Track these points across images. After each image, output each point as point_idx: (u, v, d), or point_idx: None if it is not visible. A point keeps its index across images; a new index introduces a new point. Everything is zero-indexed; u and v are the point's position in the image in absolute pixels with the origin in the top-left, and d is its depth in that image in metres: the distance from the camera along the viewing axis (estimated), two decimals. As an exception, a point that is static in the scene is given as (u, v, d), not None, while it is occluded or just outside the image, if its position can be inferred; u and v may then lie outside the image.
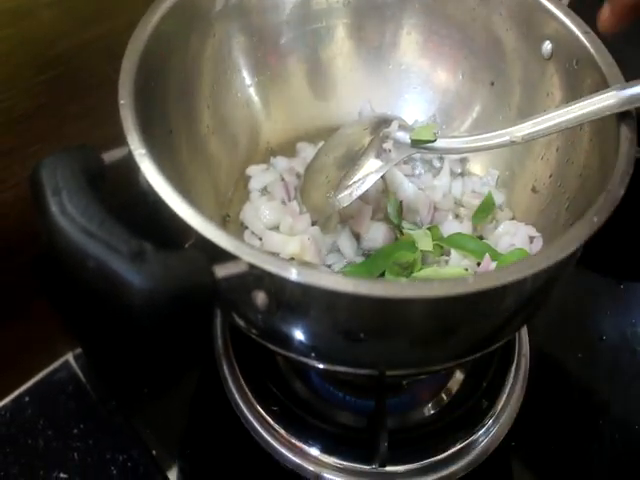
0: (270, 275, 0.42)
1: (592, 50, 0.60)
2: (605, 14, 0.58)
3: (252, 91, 0.71)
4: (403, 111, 0.74)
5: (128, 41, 0.56)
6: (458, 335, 0.48)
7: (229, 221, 0.68)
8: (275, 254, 0.62)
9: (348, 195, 0.63)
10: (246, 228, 0.68)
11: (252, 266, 0.42)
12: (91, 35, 0.65)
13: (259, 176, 0.71)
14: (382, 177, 0.65)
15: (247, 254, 0.42)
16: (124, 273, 0.38)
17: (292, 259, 0.63)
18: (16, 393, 0.70)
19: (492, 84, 0.71)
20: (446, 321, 0.46)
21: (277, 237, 0.64)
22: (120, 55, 0.55)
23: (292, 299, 0.44)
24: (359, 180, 0.62)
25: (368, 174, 0.62)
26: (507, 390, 0.66)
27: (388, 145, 0.62)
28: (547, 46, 0.65)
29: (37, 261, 0.67)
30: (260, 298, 0.44)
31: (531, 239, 0.65)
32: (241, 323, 0.51)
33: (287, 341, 0.49)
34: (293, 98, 0.74)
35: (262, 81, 0.72)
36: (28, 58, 0.62)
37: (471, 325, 0.47)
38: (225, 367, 0.66)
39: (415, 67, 0.75)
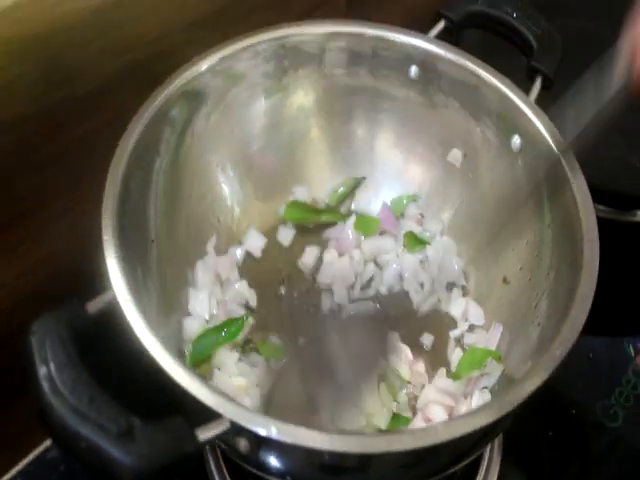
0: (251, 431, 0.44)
1: (557, 152, 0.62)
2: None
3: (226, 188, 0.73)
4: (381, 202, 0.77)
5: (108, 138, 0.58)
6: (429, 464, 0.51)
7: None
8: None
9: None
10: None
11: (234, 422, 0.44)
12: (71, 137, 0.66)
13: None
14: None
15: (230, 412, 0.44)
16: (114, 453, 0.41)
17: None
18: (9, 475, 0.72)
19: (469, 176, 0.73)
20: (418, 460, 0.49)
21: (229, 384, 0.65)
22: (100, 152, 0.57)
23: (272, 448, 0.47)
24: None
25: None
26: (482, 472, 0.69)
27: None
28: (516, 140, 0.67)
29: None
30: (242, 444, 0.47)
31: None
32: (224, 447, 0.53)
33: (268, 469, 0.52)
34: (268, 193, 0.75)
35: (239, 181, 0.74)
36: (14, 165, 0.63)
37: (440, 458, 0.50)
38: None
39: (390, 162, 0.77)
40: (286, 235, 0.76)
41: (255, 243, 0.75)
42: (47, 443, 0.75)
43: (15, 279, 0.67)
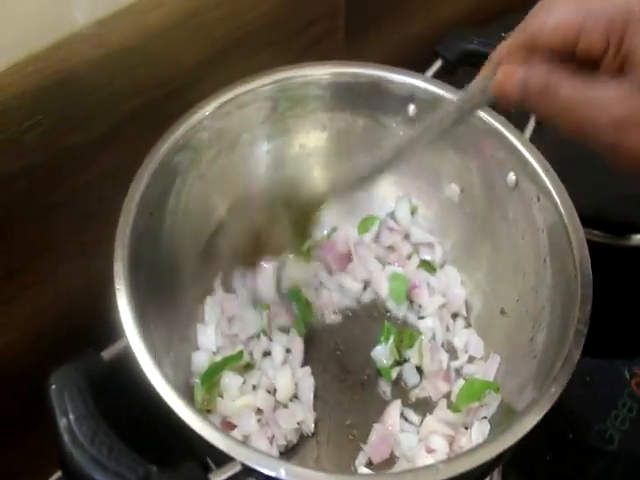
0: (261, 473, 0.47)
1: (552, 189, 0.64)
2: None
3: (232, 229, 0.75)
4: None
5: (117, 181, 0.61)
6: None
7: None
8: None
9: None
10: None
11: (245, 465, 0.47)
12: (81, 181, 0.68)
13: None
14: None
15: (241, 455, 0.47)
16: (133, 503, 0.43)
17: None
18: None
19: (466, 210, 0.75)
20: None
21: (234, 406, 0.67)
22: (111, 195, 0.61)
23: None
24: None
25: None
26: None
27: None
28: (512, 177, 0.69)
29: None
30: (250, 482, 0.49)
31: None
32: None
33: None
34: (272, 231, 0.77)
35: (244, 220, 0.75)
36: (25, 210, 0.65)
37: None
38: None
39: (390, 198, 0.80)
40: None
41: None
42: (56, 476, 0.77)
43: (25, 322, 0.69)
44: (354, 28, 0.88)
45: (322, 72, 0.72)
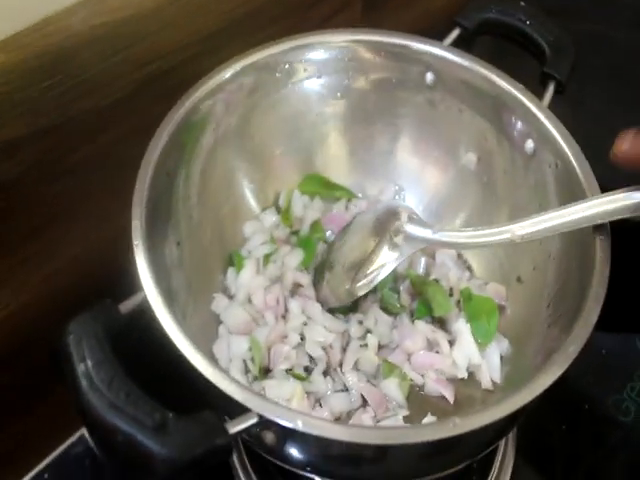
0: (279, 424, 0.47)
1: (570, 156, 0.64)
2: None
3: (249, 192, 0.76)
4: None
5: (133, 145, 0.61)
6: (445, 456, 0.54)
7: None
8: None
9: (365, 285, 0.67)
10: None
11: (262, 416, 0.47)
12: (97, 145, 0.69)
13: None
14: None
15: (258, 406, 0.47)
16: (149, 446, 0.43)
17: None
18: (36, 470, 0.75)
19: (483, 179, 0.75)
20: (434, 451, 0.51)
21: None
22: (126, 158, 0.60)
23: (298, 441, 0.49)
24: (374, 271, 0.67)
25: (383, 265, 0.67)
26: (497, 466, 0.70)
27: (399, 240, 0.66)
28: (530, 144, 0.68)
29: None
30: (268, 437, 0.49)
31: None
32: (248, 439, 0.56)
33: (292, 461, 0.54)
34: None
35: (259, 183, 0.76)
36: (42, 173, 0.66)
37: (456, 450, 0.53)
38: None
39: (407, 166, 0.79)
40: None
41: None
42: (71, 440, 0.77)
43: (39, 284, 0.70)
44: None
45: (341, 39, 0.72)
